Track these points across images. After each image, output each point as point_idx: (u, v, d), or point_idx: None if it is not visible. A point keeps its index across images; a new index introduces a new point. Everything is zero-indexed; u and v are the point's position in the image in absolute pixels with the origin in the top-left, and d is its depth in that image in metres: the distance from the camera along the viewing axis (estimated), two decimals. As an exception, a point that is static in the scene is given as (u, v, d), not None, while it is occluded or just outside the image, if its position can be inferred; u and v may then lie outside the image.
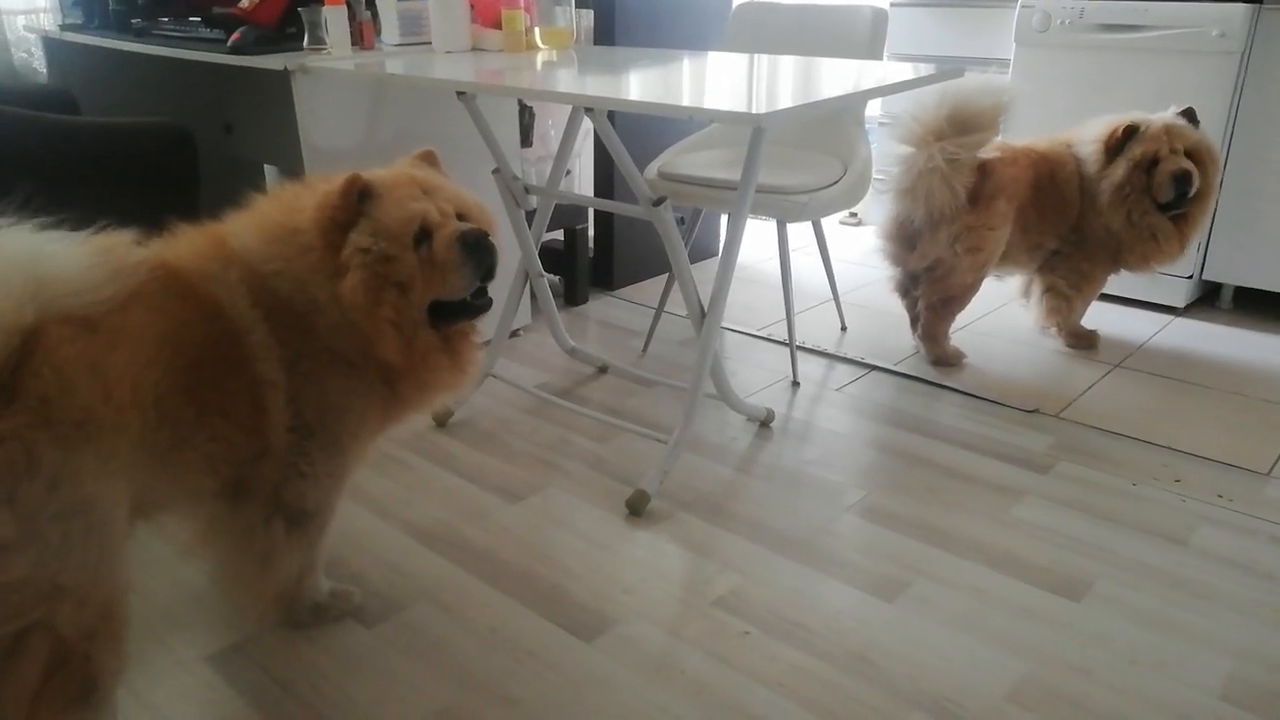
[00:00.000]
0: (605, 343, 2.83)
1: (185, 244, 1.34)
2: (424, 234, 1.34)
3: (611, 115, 2.02)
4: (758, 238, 3.67)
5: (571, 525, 1.87)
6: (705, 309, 2.00)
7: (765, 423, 2.28)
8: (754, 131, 1.83)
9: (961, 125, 2.32)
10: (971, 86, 2.31)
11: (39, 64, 3.26)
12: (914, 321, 2.68)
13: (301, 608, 1.54)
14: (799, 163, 2.46)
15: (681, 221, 2.43)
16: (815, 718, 1.37)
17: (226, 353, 1.28)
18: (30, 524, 1.02)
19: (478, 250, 1.37)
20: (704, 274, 2.20)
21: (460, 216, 1.40)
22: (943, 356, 2.61)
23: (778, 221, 2.44)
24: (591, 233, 3.20)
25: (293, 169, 2.28)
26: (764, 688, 1.43)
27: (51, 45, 3.16)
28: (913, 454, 2.15)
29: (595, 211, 3.23)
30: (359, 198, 1.31)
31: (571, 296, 3.13)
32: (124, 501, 1.15)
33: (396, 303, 1.33)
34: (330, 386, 1.37)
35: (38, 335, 1.04)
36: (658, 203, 1.94)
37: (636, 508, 1.90)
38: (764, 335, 2.84)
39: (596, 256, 3.23)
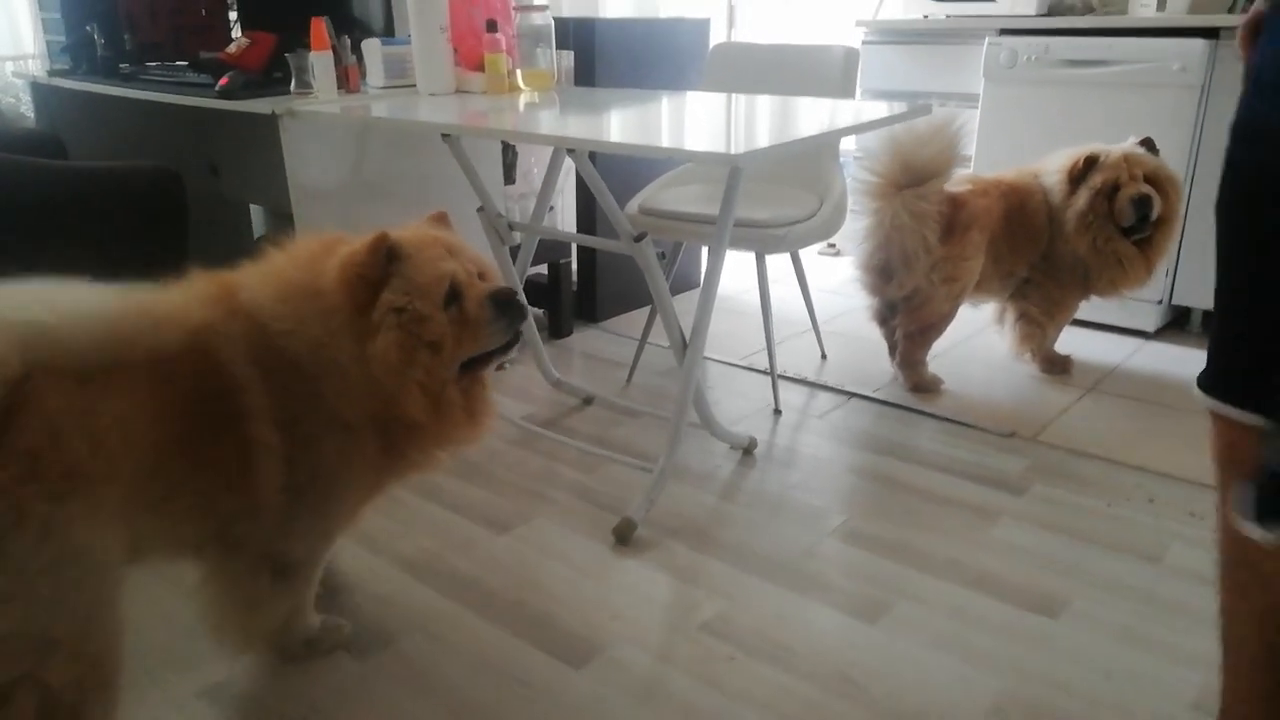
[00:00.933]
0: (590, 374, 2.87)
1: (192, 292, 1.32)
2: (454, 294, 1.35)
3: (593, 153, 2.07)
4: (738, 269, 3.71)
5: (559, 554, 1.90)
6: (687, 340, 2.05)
7: (748, 450, 2.32)
8: (731, 171, 1.89)
9: (916, 174, 2.37)
10: (919, 133, 2.34)
11: (26, 109, 3.29)
12: (892, 349, 2.73)
13: (293, 642, 1.55)
14: (776, 197, 2.52)
15: (662, 256, 2.48)
16: (801, 738, 1.40)
17: (219, 407, 1.25)
18: (20, 577, 1.02)
19: (509, 309, 1.40)
20: (685, 305, 2.24)
21: (480, 277, 1.42)
22: (921, 383, 2.66)
23: (757, 254, 2.49)
24: (574, 266, 3.25)
25: (280, 209, 2.32)
26: (751, 710, 1.46)
27: (40, 90, 3.19)
28: (893, 478, 2.19)
29: (578, 245, 3.28)
30: (387, 257, 1.30)
31: (556, 329, 3.17)
32: (116, 550, 1.14)
33: (429, 364, 1.32)
34: (326, 451, 1.35)
35: (26, 387, 1.04)
36: (639, 238, 1.98)
37: (623, 536, 1.93)
38: (745, 365, 2.89)
39: (580, 290, 3.28)
